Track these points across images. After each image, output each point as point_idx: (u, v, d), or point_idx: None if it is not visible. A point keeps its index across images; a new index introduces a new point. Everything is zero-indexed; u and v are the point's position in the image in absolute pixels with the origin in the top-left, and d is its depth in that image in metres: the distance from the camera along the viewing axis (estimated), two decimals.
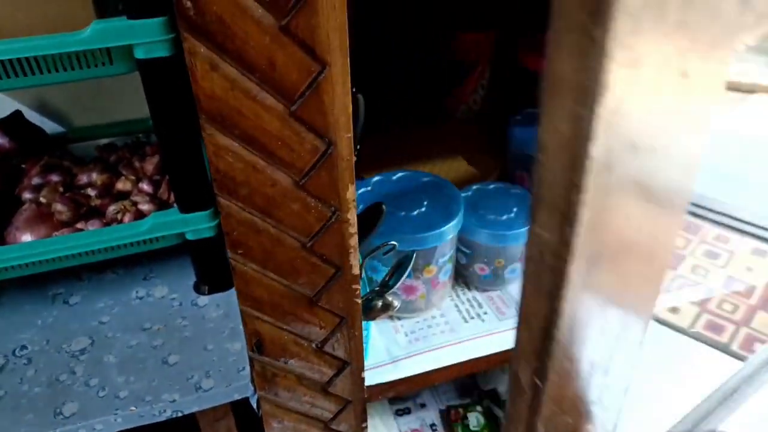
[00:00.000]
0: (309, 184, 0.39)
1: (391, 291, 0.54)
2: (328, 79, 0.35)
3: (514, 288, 0.67)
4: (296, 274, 0.43)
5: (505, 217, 0.63)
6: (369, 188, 0.63)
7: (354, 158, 0.40)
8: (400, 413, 0.86)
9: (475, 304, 0.65)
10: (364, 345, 0.58)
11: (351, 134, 0.38)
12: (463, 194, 0.66)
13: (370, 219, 0.54)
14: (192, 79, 0.33)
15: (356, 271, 0.45)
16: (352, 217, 0.41)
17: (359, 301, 0.46)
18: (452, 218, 0.58)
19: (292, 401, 0.50)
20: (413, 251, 0.55)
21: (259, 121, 0.35)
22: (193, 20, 0.31)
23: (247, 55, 0.33)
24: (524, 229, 0.61)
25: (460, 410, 0.84)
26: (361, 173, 0.74)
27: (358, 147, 0.62)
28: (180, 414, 0.59)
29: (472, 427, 0.82)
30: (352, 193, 0.40)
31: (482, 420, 0.83)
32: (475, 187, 0.68)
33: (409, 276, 0.59)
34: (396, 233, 0.56)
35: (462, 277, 0.68)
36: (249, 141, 0.35)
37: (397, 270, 0.54)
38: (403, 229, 0.57)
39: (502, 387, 0.84)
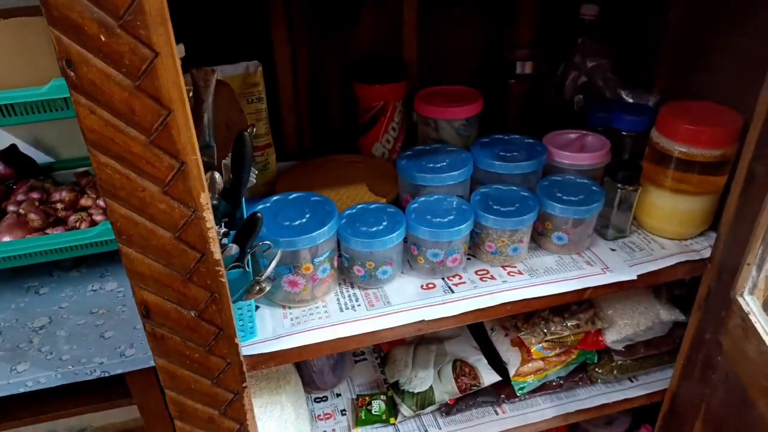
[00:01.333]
0: (171, 191, 0.56)
1: (264, 278, 0.71)
2: (174, 120, 0.53)
3: (388, 287, 0.83)
4: (170, 256, 0.60)
5: (374, 228, 0.80)
6: (268, 204, 0.80)
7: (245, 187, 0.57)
8: (318, 400, 1.01)
9: (353, 299, 0.81)
10: (252, 323, 0.74)
11: (198, 157, 0.55)
12: (348, 211, 0.83)
13: (250, 225, 0.71)
14: (78, 119, 0.51)
15: (217, 256, 0.62)
16: (207, 215, 0.59)
17: (224, 280, 0.63)
18: (322, 227, 0.75)
19: (181, 359, 0.67)
20: (283, 250, 0.72)
21: (128, 146, 0.53)
22: (76, 83, 0.49)
23: (114, 104, 0.51)
24: (389, 237, 0.78)
25: (367, 398, 0.99)
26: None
27: (256, 173, 0.80)
28: (107, 374, 0.76)
29: (374, 412, 0.97)
30: (204, 198, 0.58)
31: (383, 406, 0.97)
32: (360, 206, 0.84)
33: (289, 271, 0.76)
34: (276, 236, 0.73)
35: (347, 277, 0.84)
36: (121, 160, 0.53)
37: (269, 263, 0.71)
38: (282, 234, 0.74)
39: (403, 378, 0.99)
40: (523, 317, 0.98)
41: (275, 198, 0.81)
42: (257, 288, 0.71)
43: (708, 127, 0.81)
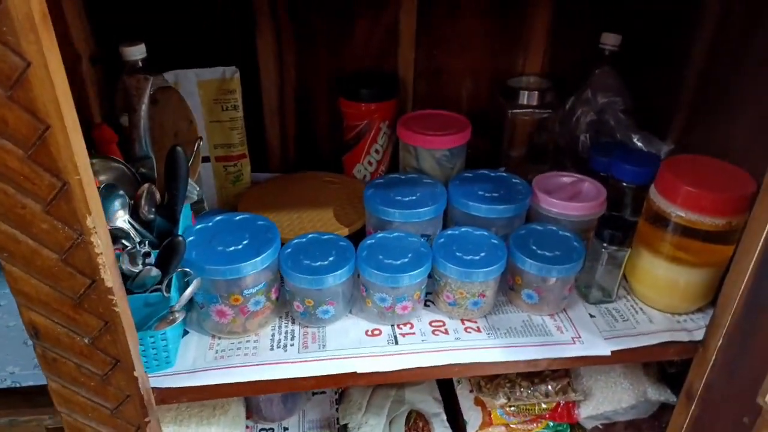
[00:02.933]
0: (53, 211, 0.51)
1: (178, 308, 0.65)
2: (53, 136, 0.48)
3: (330, 328, 0.76)
4: (57, 279, 0.55)
5: (318, 263, 0.73)
6: (210, 224, 0.75)
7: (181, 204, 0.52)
8: None
9: (289, 336, 0.74)
10: (167, 353, 0.69)
11: (80, 177, 0.50)
12: (297, 240, 0.77)
13: (170, 249, 0.66)
14: None
15: (110, 284, 0.56)
16: (95, 240, 0.53)
17: (118, 310, 0.58)
18: (253, 257, 0.68)
19: (75, 386, 0.62)
20: (202, 278, 0.66)
21: (4, 160, 0.48)
22: None
23: None
24: (330, 275, 0.71)
25: None
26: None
27: (197, 189, 0.74)
28: (18, 385, 0.73)
29: None
30: (91, 221, 0.52)
31: None
32: (311, 235, 0.78)
33: (216, 300, 0.70)
34: (202, 263, 0.68)
35: (290, 311, 0.77)
36: None
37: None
38: (209, 260, 0.68)
39: (353, 423, 0.91)
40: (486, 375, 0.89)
41: (218, 218, 0.76)
42: (170, 318, 0.65)
43: (712, 191, 0.70)
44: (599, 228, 0.77)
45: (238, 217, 0.76)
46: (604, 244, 0.76)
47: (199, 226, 0.74)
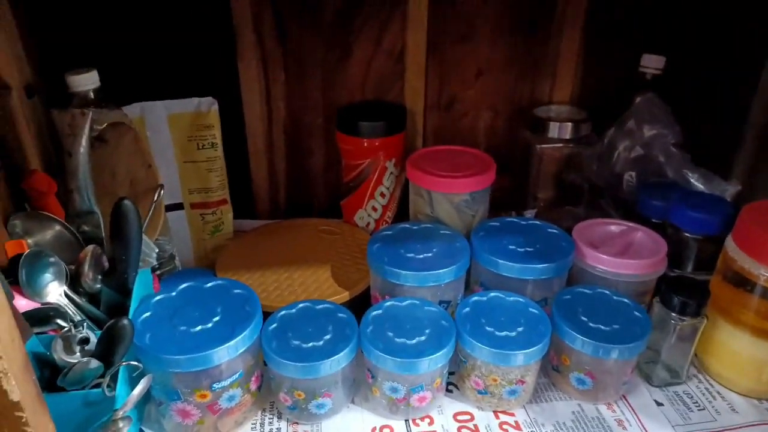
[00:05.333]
0: None
1: (121, 413, 0.48)
2: None
3: (327, 423, 0.59)
4: None
5: (310, 344, 0.57)
6: (173, 294, 0.59)
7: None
8: None
9: None
10: None
11: None
12: (283, 312, 0.61)
13: (114, 335, 0.50)
14: None
15: (15, 397, 0.40)
16: None
17: (30, 430, 0.41)
18: (227, 340, 0.52)
19: None
20: (147, 373, 0.50)
21: None
22: None
23: None
24: (324, 362, 0.54)
25: None
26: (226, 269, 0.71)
27: (156, 252, 0.59)
28: None
29: None
30: None
31: None
32: (302, 304, 0.62)
33: (177, 398, 0.54)
34: (156, 351, 0.52)
35: (275, 402, 0.61)
36: None
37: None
38: (167, 346, 0.52)
39: None
40: None
41: (183, 287, 0.60)
42: (112, 428, 0.49)
43: None
44: (666, 292, 0.61)
45: (208, 284, 0.60)
46: (674, 315, 0.60)
47: (157, 298, 0.58)
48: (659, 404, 0.62)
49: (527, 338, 0.58)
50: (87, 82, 0.62)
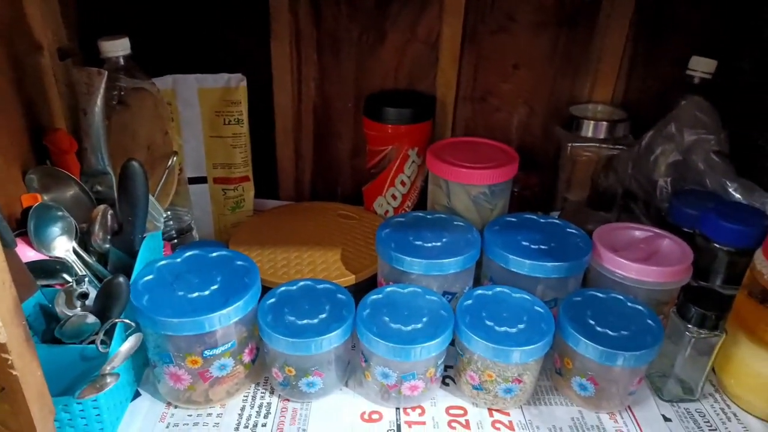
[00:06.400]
0: None
1: (109, 369, 0.50)
2: None
3: (317, 404, 0.59)
4: None
5: (304, 320, 0.56)
6: (178, 260, 0.60)
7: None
8: None
9: (263, 412, 0.58)
10: (101, 424, 0.54)
11: None
12: (283, 288, 0.61)
13: (109, 293, 0.51)
14: None
15: (1, 339, 0.42)
16: None
17: (16, 373, 0.43)
18: (220, 308, 0.53)
19: None
20: (137, 331, 0.51)
21: None
22: None
23: None
24: (316, 340, 0.54)
25: None
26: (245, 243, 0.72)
27: (165, 216, 0.60)
28: None
29: None
30: None
31: None
32: (304, 282, 0.61)
33: (169, 360, 0.55)
34: (152, 312, 0.52)
35: (269, 376, 0.61)
36: None
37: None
38: (162, 309, 0.53)
39: None
40: None
41: (189, 254, 0.61)
42: (99, 383, 0.50)
43: None
44: (683, 302, 0.57)
45: (213, 254, 0.61)
46: (690, 326, 0.56)
47: (162, 263, 0.59)
48: (667, 419, 0.58)
49: (527, 336, 0.55)
50: (118, 48, 0.64)
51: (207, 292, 0.55)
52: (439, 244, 0.65)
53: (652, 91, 0.83)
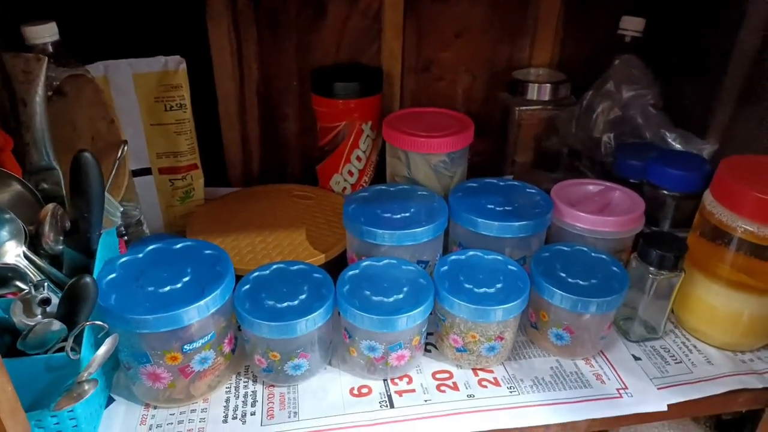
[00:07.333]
0: None
1: (86, 375, 0.46)
2: None
3: (304, 386, 0.58)
4: None
5: (284, 303, 0.55)
6: (139, 255, 0.56)
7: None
8: None
9: (249, 401, 0.56)
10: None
11: None
12: (257, 273, 0.59)
13: (76, 294, 0.47)
14: None
15: None
16: None
17: None
18: (197, 299, 0.50)
19: None
20: (112, 333, 0.48)
21: None
22: None
23: None
24: (299, 321, 0.53)
25: None
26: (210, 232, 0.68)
27: (121, 210, 0.56)
28: None
29: None
30: None
31: None
32: (276, 265, 0.60)
33: (146, 360, 0.52)
34: (122, 311, 0.49)
35: (251, 365, 0.59)
36: None
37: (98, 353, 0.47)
38: (133, 306, 0.50)
39: None
40: None
41: (151, 247, 0.57)
42: (76, 391, 0.47)
43: None
44: (644, 248, 0.61)
45: (178, 245, 0.58)
46: (652, 269, 0.60)
47: (124, 259, 0.56)
48: (637, 358, 0.62)
49: (506, 294, 0.57)
50: (44, 34, 0.59)
51: (179, 285, 0.53)
52: (407, 214, 0.65)
53: (589, 52, 0.87)
